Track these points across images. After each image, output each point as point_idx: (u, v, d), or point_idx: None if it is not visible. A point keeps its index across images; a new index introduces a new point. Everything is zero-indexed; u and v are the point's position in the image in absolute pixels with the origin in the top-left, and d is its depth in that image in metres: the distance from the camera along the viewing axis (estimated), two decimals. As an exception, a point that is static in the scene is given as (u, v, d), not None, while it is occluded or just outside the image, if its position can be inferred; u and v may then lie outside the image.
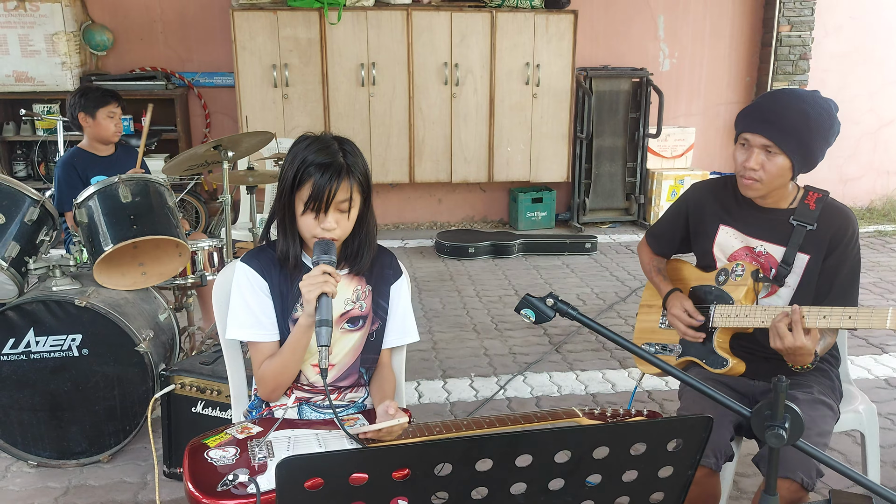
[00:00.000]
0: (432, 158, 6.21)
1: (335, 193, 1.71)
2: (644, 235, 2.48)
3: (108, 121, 3.49)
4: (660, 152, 6.77)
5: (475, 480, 1.02)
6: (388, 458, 0.97)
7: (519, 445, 1.01)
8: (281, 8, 5.78)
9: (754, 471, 2.84)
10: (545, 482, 1.06)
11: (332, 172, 1.71)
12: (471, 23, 5.99)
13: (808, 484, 1.82)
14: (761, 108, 2.04)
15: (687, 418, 1.09)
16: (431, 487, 1.01)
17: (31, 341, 2.72)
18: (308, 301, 1.69)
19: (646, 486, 1.12)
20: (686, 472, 1.13)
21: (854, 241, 2.08)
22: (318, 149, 1.75)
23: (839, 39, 6.84)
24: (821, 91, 2.11)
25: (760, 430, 1.26)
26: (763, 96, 2.10)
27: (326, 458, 0.95)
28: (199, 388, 2.64)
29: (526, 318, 1.43)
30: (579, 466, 1.06)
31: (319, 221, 1.74)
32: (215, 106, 6.33)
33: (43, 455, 2.82)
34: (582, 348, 4.02)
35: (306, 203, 1.73)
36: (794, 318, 1.90)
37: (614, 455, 1.06)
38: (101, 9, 6.00)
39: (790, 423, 1.24)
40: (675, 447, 1.09)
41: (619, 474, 1.09)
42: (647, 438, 1.07)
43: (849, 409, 2.26)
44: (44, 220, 2.88)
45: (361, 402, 1.95)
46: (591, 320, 1.35)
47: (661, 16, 6.69)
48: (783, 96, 2.04)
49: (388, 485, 0.98)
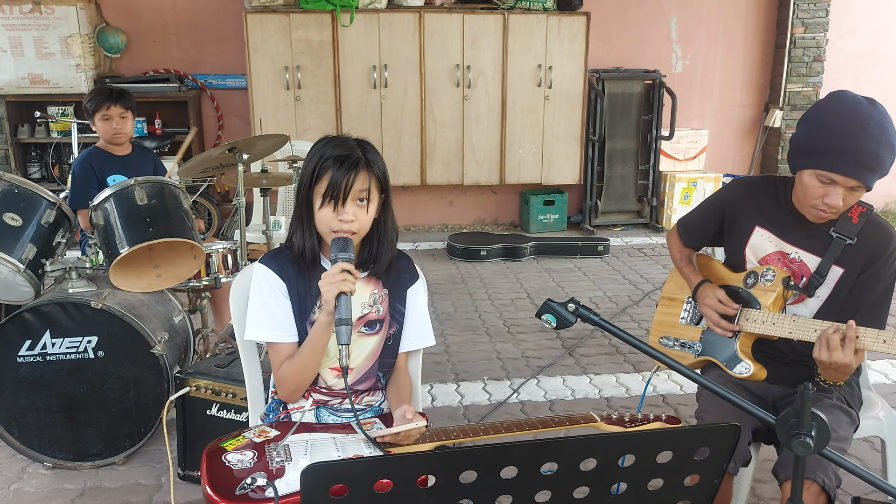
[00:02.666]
0: (444, 161, 6.21)
1: (353, 183, 1.71)
2: (675, 225, 2.43)
3: (105, 123, 3.44)
4: (672, 154, 6.74)
5: (500, 488, 1.01)
6: (413, 465, 0.96)
7: (544, 453, 1.00)
8: (293, 10, 5.79)
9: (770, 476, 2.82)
10: (570, 490, 1.05)
11: (350, 164, 1.72)
12: (483, 25, 5.98)
13: (829, 487, 1.80)
14: (854, 150, 1.85)
15: (715, 427, 1.07)
16: (456, 495, 1.01)
17: (47, 343, 2.73)
18: (327, 300, 1.68)
19: (672, 495, 1.11)
20: (713, 481, 1.11)
21: (893, 259, 2.01)
22: (336, 144, 1.77)
23: (853, 41, 6.79)
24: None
25: (786, 437, 1.24)
26: (845, 132, 1.87)
27: (351, 465, 0.95)
28: (214, 390, 2.64)
29: (547, 323, 1.42)
30: (605, 474, 1.05)
31: (337, 213, 1.73)
32: (228, 108, 6.35)
33: (59, 456, 2.82)
34: (595, 352, 4.00)
35: (324, 195, 1.73)
36: (849, 336, 1.84)
37: (640, 463, 1.05)
38: (115, 11, 6.03)
39: (816, 431, 1.22)
40: (702, 455, 1.08)
41: (645, 482, 1.08)
42: (673, 447, 1.05)
43: (869, 416, 2.24)
44: (60, 221, 2.90)
45: (378, 406, 1.94)
46: (613, 326, 1.34)
47: (674, 17, 6.66)
48: (871, 132, 1.85)
49: (412, 492, 0.98)
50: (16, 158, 5.96)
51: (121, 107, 3.42)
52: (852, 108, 1.91)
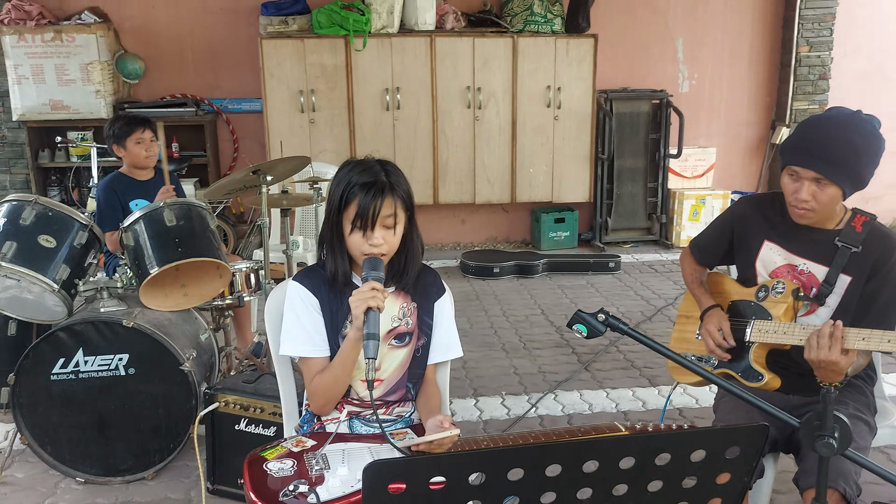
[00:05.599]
0: (456, 180, 6.30)
1: (380, 210, 1.79)
2: (688, 245, 2.50)
3: (138, 147, 3.61)
4: (681, 172, 6.82)
5: (545, 485, 1.08)
6: (466, 464, 1.03)
7: (587, 452, 1.06)
8: (308, 35, 5.92)
9: (789, 487, 2.86)
10: (610, 487, 1.11)
11: (375, 190, 1.79)
12: (493, 48, 6.10)
13: (850, 495, 1.85)
14: (807, 140, 2.02)
15: (744, 427, 1.14)
16: (503, 492, 1.07)
17: (79, 361, 2.80)
18: (356, 315, 1.75)
19: (704, 493, 1.17)
20: (743, 479, 1.18)
21: None
22: (361, 170, 1.84)
23: (858, 59, 6.89)
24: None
25: (810, 440, 1.30)
26: (806, 127, 2.08)
27: (410, 462, 1.02)
28: (243, 405, 2.70)
29: (578, 332, 1.49)
30: (642, 472, 1.11)
31: (367, 239, 1.81)
32: (243, 131, 6.47)
33: (90, 472, 2.89)
34: (611, 367, 4.05)
35: (353, 221, 1.81)
36: (836, 335, 1.93)
37: (675, 461, 1.12)
38: (134, 38, 6.17)
39: (839, 433, 1.29)
40: (733, 454, 1.14)
41: (680, 480, 1.15)
42: (706, 445, 1.12)
43: (885, 425, 2.29)
44: (91, 243, 2.98)
45: (409, 417, 2.01)
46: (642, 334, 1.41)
47: (680, 38, 6.78)
48: (829, 127, 2.02)
49: (464, 488, 1.04)
50: (36, 182, 6.08)
51: (150, 131, 3.57)
52: (831, 113, 2.07)
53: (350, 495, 1.62)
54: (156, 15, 6.18)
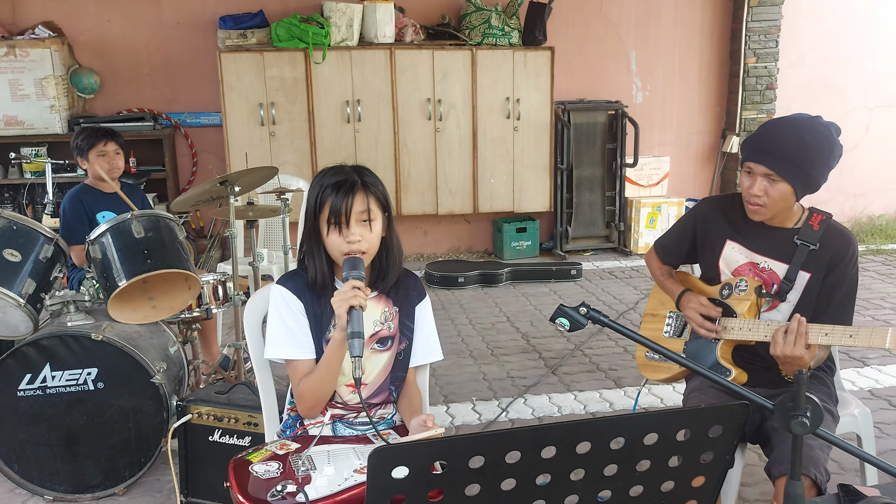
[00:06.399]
0: (418, 191, 6.34)
1: (352, 205, 1.82)
2: (653, 245, 2.58)
3: (101, 159, 3.57)
4: (637, 181, 6.98)
5: (540, 467, 1.12)
6: (467, 447, 1.06)
7: (581, 432, 1.11)
8: (267, 49, 5.92)
9: (754, 480, 2.95)
10: (601, 468, 1.16)
11: (346, 188, 1.83)
12: (452, 60, 6.18)
13: (820, 481, 1.93)
14: (761, 137, 2.13)
15: (727, 406, 1.20)
16: (501, 475, 1.11)
17: (47, 376, 2.76)
18: (339, 315, 1.77)
19: (689, 471, 1.22)
20: (724, 457, 1.23)
21: (853, 262, 2.18)
22: (333, 173, 1.89)
23: (802, 70, 7.17)
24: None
25: (785, 420, 1.36)
26: (764, 125, 2.19)
27: (414, 446, 1.04)
28: (217, 416, 2.69)
29: (561, 326, 1.54)
30: (632, 452, 1.16)
31: (344, 236, 1.83)
32: (202, 145, 6.41)
33: (59, 489, 2.83)
34: (578, 370, 4.12)
35: (328, 221, 1.84)
36: (800, 331, 2.01)
37: (662, 441, 1.17)
38: (89, 53, 6.08)
39: (811, 413, 1.35)
40: (715, 433, 1.20)
41: (666, 460, 1.20)
42: (691, 425, 1.17)
43: (845, 413, 2.39)
44: (57, 257, 2.94)
45: (391, 419, 2.03)
46: (623, 327, 1.46)
47: (633, 51, 6.96)
48: (782, 126, 2.13)
49: (464, 472, 1.08)
50: (-12, 200, 5.93)
51: (115, 143, 3.53)
52: (792, 115, 2.18)
53: (338, 493, 1.64)
54: (111, 29, 6.10)
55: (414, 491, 1.06)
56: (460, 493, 1.09)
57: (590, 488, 1.18)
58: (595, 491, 1.18)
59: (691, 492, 1.26)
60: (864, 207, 7.59)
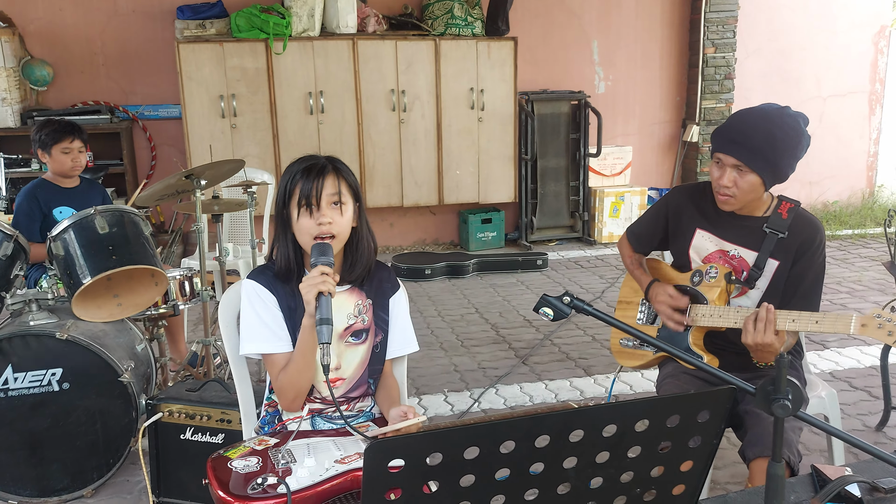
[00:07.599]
0: (383, 183, 6.31)
1: (323, 186, 1.81)
2: (625, 232, 2.60)
3: (64, 156, 3.47)
4: (600, 171, 7.05)
5: (534, 456, 1.12)
6: (461, 438, 1.05)
7: (574, 420, 1.11)
8: (226, 39, 5.81)
9: (724, 462, 3.01)
10: (594, 455, 1.16)
11: (316, 171, 1.82)
12: (415, 51, 6.15)
13: (793, 462, 1.97)
14: (731, 129, 2.16)
15: (714, 391, 1.21)
16: (496, 464, 1.10)
17: (9, 378, 2.67)
18: (308, 301, 1.74)
19: (678, 457, 1.23)
20: (712, 441, 1.25)
21: (820, 250, 2.23)
22: (303, 160, 1.88)
23: (759, 60, 7.31)
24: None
25: (766, 403, 1.39)
26: (733, 116, 2.21)
27: (409, 438, 1.03)
28: (188, 414, 2.64)
29: (545, 315, 1.54)
30: (623, 439, 1.16)
31: (315, 219, 1.81)
32: (161, 138, 6.28)
33: (24, 494, 2.75)
34: (548, 359, 4.15)
35: (299, 203, 1.81)
36: (769, 318, 2.05)
37: (653, 427, 1.17)
38: (40, 43, 5.90)
39: (792, 395, 1.38)
40: (703, 418, 1.21)
41: (656, 445, 1.21)
42: (681, 410, 1.18)
43: (813, 395, 2.45)
44: (17, 254, 2.84)
45: (370, 411, 2.01)
46: (606, 315, 1.47)
47: (596, 41, 7.01)
48: (751, 117, 2.15)
49: (459, 463, 1.07)
50: (-64, 197, 5.71)
51: (80, 141, 3.44)
52: (761, 106, 2.20)
53: (320, 483, 1.62)
54: (63, 18, 5.93)
55: (410, 483, 1.05)
56: (455, 483, 1.08)
57: (581, 475, 1.18)
58: (587, 478, 1.19)
59: (679, 476, 1.27)
60: (819, 195, 7.78)
